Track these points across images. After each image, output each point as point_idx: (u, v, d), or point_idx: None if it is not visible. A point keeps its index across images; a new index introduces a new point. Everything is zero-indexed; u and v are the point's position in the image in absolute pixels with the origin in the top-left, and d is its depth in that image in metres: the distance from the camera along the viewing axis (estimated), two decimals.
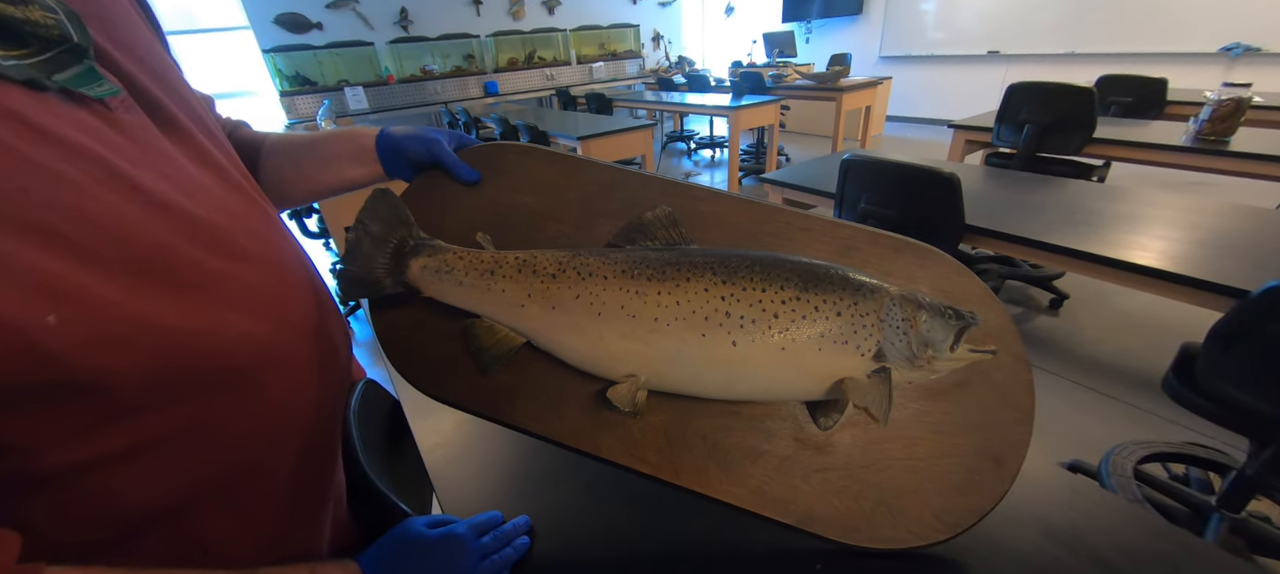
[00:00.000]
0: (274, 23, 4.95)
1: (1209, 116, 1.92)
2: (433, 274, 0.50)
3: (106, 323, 0.28)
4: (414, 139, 0.58)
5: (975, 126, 2.59)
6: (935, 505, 0.47)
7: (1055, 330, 2.07)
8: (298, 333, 0.42)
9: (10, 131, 0.27)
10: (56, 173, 0.28)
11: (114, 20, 0.37)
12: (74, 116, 0.31)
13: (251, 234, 0.39)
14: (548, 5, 6.39)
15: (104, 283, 0.28)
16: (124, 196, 0.31)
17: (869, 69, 6.17)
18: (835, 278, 0.45)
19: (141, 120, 0.36)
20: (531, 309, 0.48)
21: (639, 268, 0.47)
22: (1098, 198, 1.57)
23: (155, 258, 0.31)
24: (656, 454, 0.49)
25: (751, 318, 0.44)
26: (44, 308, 0.26)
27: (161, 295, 0.31)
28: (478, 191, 0.57)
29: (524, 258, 0.50)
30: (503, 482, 0.64)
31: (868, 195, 1.57)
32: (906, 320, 0.44)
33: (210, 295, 0.34)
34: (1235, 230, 1.30)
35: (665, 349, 0.45)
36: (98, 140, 0.31)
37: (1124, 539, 0.52)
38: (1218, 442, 1.42)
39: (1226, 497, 1.14)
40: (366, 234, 0.50)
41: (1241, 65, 4.01)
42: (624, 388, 0.46)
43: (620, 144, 3.23)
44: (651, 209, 0.52)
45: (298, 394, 0.42)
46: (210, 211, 0.36)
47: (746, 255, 0.47)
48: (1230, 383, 0.94)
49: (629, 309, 0.46)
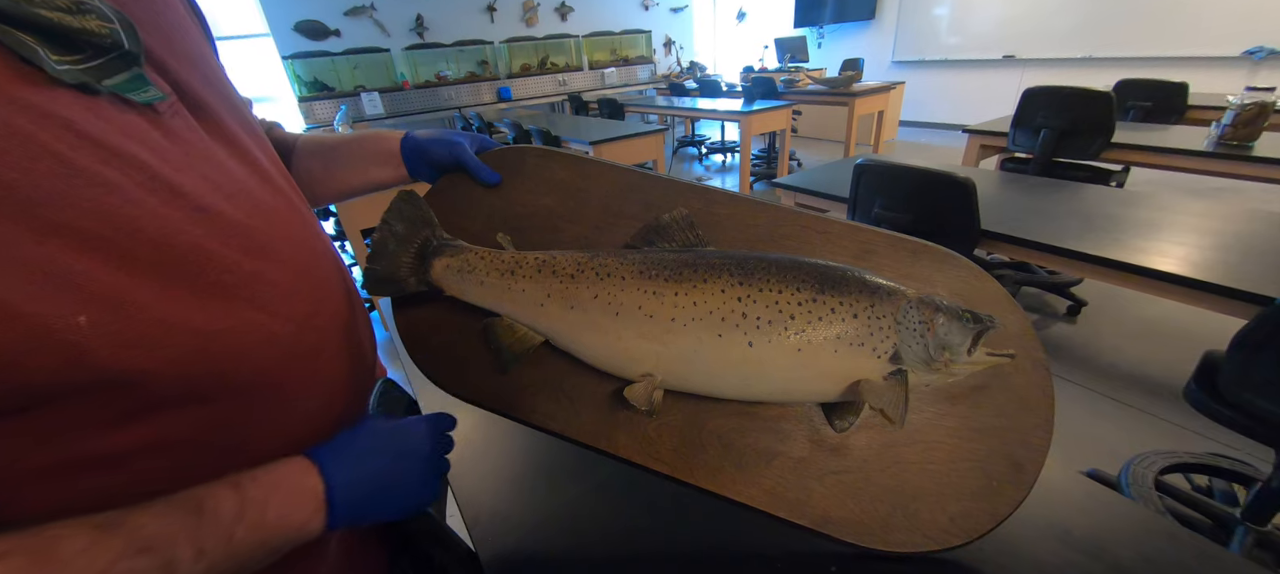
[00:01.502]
0: (294, 30, 5.06)
1: (1232, 121, 1.89)
2: (455, 274, 0.52)
3: (137, 324, 0.29)
4: (438, 142, 0.59)
5: (990, 131, 2.56)
6: (951, 510, 0.47)
7: (1073, 337, 2.04)
8: (328, 334, 0.42)
9: (55, 136, 0.28)
10: (99, 176, 0.29)
11: (167, 26, 0.38)
12: (122, 121, 0.32)
13: (288, 236, 0.40)
14: (561, 12, 6.45)
15: (137, 284, 0.29)
16: (164, 200, 0.32)
17: (882, 74, 6.13)
18: (852, 280, 0.45)
19: (188, 123, 0.36)
20: (551, 308, 0.49)
21: (656, 269, 0.47)
22: (1116, 203, 1.55)
23: (190, 260, 0.32)
24: (672, 453, 0.49)
25: (768, 319, 0.44)
26: (76, 308, 0.27)
27: (194, 297, 0.32)
28: (499, 193, 0.58)
29: (543, 258, 0.51)
30: (517, 479, 0.65)
31: (882, 200, 1.56)
32: (923, 323, 0.44)
33: (243, 298, 0.34)
34: (1259, 236, 1.27)
35: (682, 349, 0.46)
36: (143, 145, 0.32)
37: (1147, 549, 0.51)
38: (1242, 452, 1.39)
39: (1252, 509, 1.11)
40: (392, 234, 0.52)
41: (1265, 69, 3.92)
42: (640, 387, 0.46)
43: (632, 149, 3.25)
44: (669, 211, 0.52)
45: (326, 394, 0.43)
46: (248, 214, 0.37)
47: (763, 257, 0.47)
48: (1255, 392, 0.92)
49: (646, 309, 0.46)
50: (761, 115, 3.73)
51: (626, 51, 7.04)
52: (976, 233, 1.43)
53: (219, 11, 4.86)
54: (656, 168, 3.50)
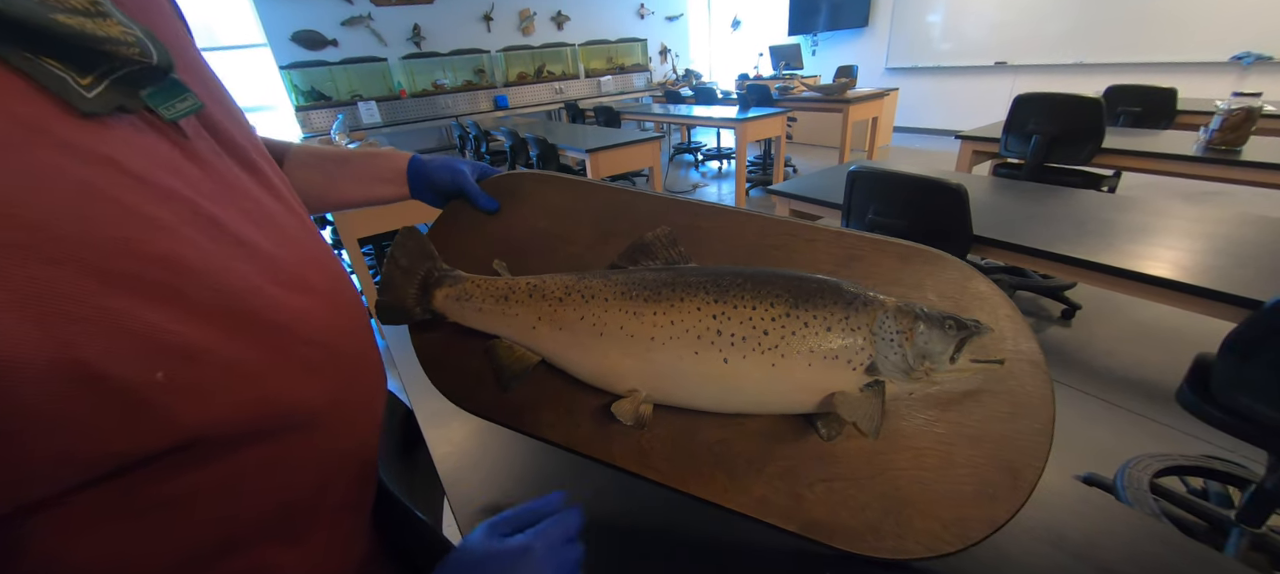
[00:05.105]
0: (291, 40, 5.09)
1: (1219, 126, 1.91)
2: (454, 301, 0.54)
3: (209, 373, 0.27)
4: (441, 166, 0.61)
5: (983, 137, 2.58)
6: (944, 516, 0.47)
7: (1068, 341, 2.05)
8: (354, 361, 0.42)
9: (106, 178, 0.26)
10: (152, 218, 0.27)
11: (168, 33, 0.35)
12: (154, 150, 0.30)
13: (314, 265, 0.38)
14: (557, 21, 6.50)
15: (199, 330, 0.27)
16: (210, 237, 0.30)
17: (876, 81, 6.19)
18: (827, 292, 0.45)
19: (212, 146, 0.35)
20: (542, 330, 0.51)
21: (637, 289, 0.49)
22: (1107, 208, 1.56)
23: (241, 300, 0.30)
24: (665, 463, 0.50)
25: (742, 335, 0.45)
26: (154, 364, 0.25)
27: (252, 337, 0.30)
28: (499, 218, 0.61)
29: (534, 282, 0.53)
30: (512, 487, 0.65)
31: (875, 206, 1.57)
32: (901, 332, 0.44)
33: (289, 334, 0.33)
34: (1249, 240, 1.28)
35: (662, 367, 0.47)
36: (178, 176, 0.30)
37: (1139, 554, 0.51)
38: (1236, 455, 1.40)
39: (1246, 511, 1.12)
40: (397, 268, 0.55)
41: (1254, 74, 3.97)
42: (627, 403, 0.48)
43: (628, 156, 3.26)
44: (652, 230, 0.53)
45: (355, 422, 0.42)
46: (277, 243, 0.35)
47: (740, 273, 0.48)
48: (1247, 394, 0.93)
49: (628, 329, 0.48)
50: (756, 122, 3.76)
51: (623, 59, 7.08)
52: (969, 238, 1.44)
53: (217, 22, 4.88)
54: (653, 175, 3.51)
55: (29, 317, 0.22)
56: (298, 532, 0.37)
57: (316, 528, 0.39)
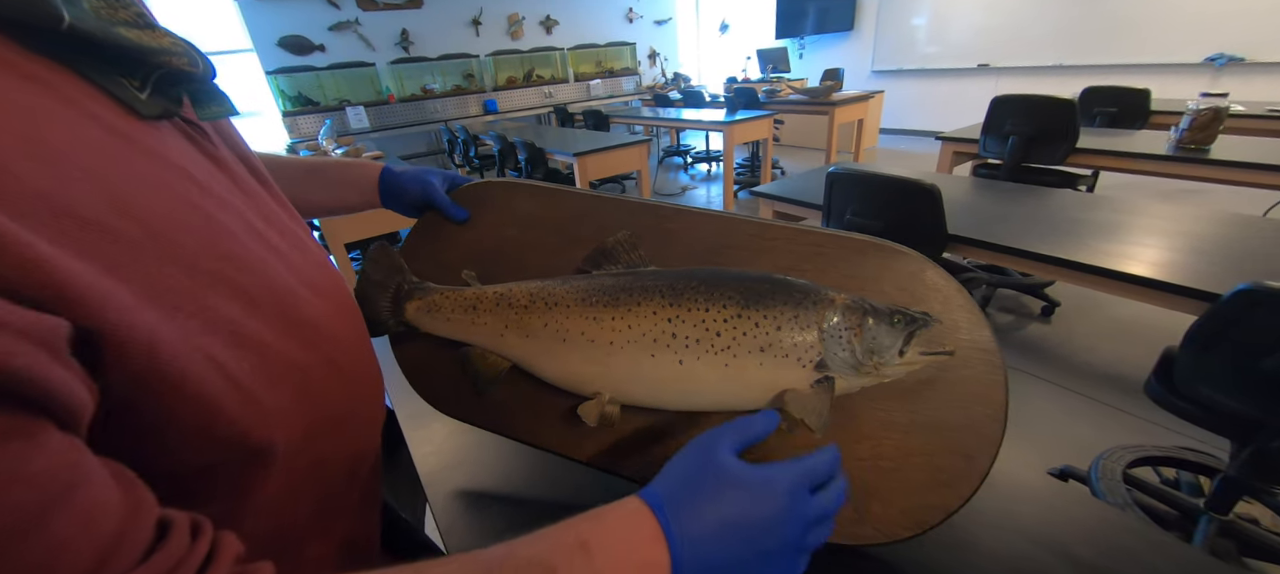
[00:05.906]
0: (277, 45, 5.06)
1: (1188, 125, 1.96)
2: (425, 313, 0.56)
3: (271, 365, 0.29)
4: (411, 178, 0.62)
5: (962, 138, 2.63)
6: (901, 503, 0.48)
7: (1048, 337, 2.09)
8: (364, 359, 0.43)
9: (182, 183, 0.27)
10: (218, 220, 0.29)
11: None
12: (197, 156, 0.31)
13: (321, 270, 0.39)
14: (546, 25, 6.51)
15: (264, 327, 0.29)
16: (256, 241, 0.31)
17: (862, 83, 6.26)
18: (779, 291, 0.46)
19: (230, 154, 0.36)
20: (510, 338, 0.53)
21: (597, 295, 0.50)
22: (1081, 207, 1.60)
23: (287, 300, 0.32)
24: (640, 456, 0.52)
25: (696, 337, 0.46)
26: (241, 357, 0.27)
27: (295, 336, 0.31)
28: (471, 228, 0.63)
29: (501, 292, 0.54)
30: (491, 487, 0.66)
31: (853, 207, 1.60)
32: (850, 329, 0.44)
33: (319, 332, 0.34)
34: (1220, 237, 1.32)
35: (622, 371, 0.48)
36: (216, 181, 0.32)
37: (1106, 543, 0.52)
38: (1208, 445, 1.43)
39: (1214, 499, 1.15)
40: (370, 283, 0.57)
41: (1227, 75, 4.07)
42: (592, 405, 0.49)
43: (616, 160, 3.27)
44: (613, 234, 0.55)
45: (373, 418, 0.44)
46: (290, 247, 0.36)
47: (694, 275, 0.49)
48: (1207, 385, 0.96)
49: (588, 335, 0.49)
50: (744, 125, 3.79)
51: (611, 63, 7.11)
52: (944, 237, 1.47)
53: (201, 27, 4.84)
54: (641, 177, 3.53)
55: (163, 311, 0.24)
56: (328, 521, 0.39)
57: (341, 516, 0.41)
